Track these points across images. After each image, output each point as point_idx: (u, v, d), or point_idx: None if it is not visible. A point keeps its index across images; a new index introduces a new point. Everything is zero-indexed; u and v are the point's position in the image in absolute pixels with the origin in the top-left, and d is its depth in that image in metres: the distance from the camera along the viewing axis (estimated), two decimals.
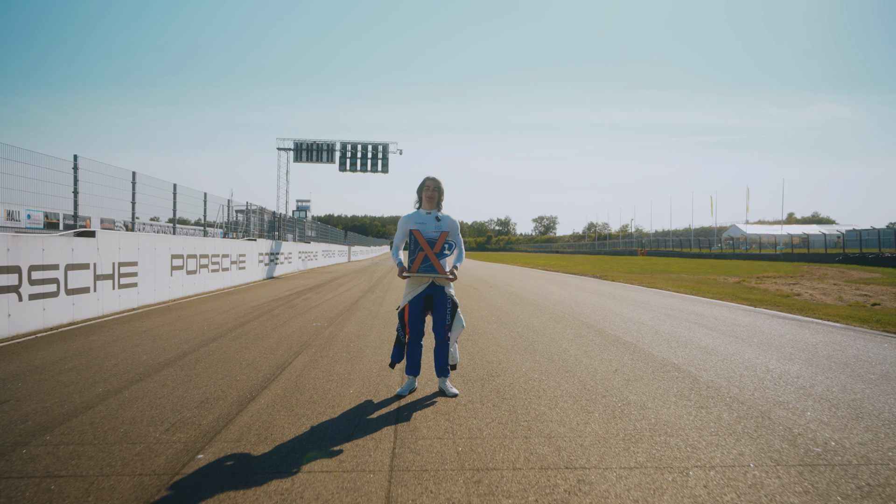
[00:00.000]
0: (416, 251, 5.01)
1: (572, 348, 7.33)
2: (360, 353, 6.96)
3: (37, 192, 11.10)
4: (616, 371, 6.07)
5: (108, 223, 40.55)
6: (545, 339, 8.08)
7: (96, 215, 26.50)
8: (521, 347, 7.40)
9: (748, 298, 14.07)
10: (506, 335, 8.36)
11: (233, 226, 25.11)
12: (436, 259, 4.96)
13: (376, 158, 32.16)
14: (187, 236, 15.45)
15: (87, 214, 28.97)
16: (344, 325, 9.33)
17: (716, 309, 11.99)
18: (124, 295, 11.41)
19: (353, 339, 7.96)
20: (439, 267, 4.96)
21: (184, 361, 6.46)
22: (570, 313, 11.05)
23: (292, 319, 10.05)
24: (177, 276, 13.99)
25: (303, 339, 7.95)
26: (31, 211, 40.82)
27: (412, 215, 5.17)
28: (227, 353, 6.97)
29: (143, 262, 12.29)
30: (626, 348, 7.37)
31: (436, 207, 5.18)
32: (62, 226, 41.73)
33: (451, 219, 5.21)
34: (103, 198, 12.03)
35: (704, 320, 10.08)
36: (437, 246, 4.98)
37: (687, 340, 8.00)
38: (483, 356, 6.82)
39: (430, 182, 5.16)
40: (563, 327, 9.19)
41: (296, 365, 6.29)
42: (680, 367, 6.27)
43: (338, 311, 11.40)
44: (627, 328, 9.11)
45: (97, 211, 14.60)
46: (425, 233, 5.03)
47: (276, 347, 7.35)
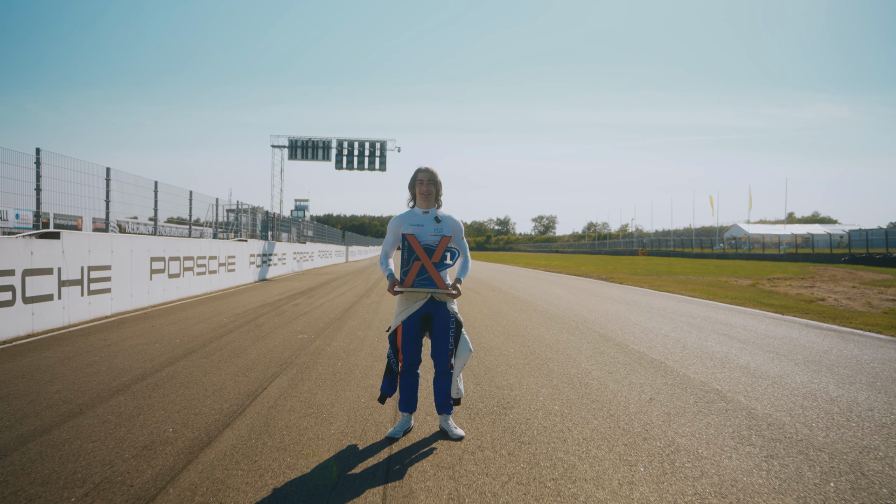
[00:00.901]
0: (410, 260, 4.03)
1: (594, 368, 6.36)
2: (348, 375, 5.98)
3: (9, 191, 10.18)
4: (651, 400, 5.09)
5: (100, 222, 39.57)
6: (560, 355, 7.11)
7: (88, 215, 25.04)
8: (534, 367, 6.42)
9: (771, 304, 13.10)
10: (515, 350, 7.39)
11: (225, 226, 24.14)
12: (435, 270, 3.99)
13: (374, 156, 31.16)
14: (170, 237, 14.47)
15: (78, 214, 27.59)
16: (333, 338, 8.35)
17: (741, 317, 11.02)
18: (95, 302, 10.43)
19: (342, 356, 6.99)
20: (439, 280, 4.00)
21: (140, 387, 5.47)
22: (583, 322, 10.08)
23: (277, 330, 9.07)
24: (157, 280, 13.00)
25: (284, 356, 6.98)
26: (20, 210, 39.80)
27: (405, 215, 4.21)
28: (194, 374, 5.99)
29: (118, 266, 11.31)
30: (655, 368, 6.40)
31: (434, 205, 4.22)
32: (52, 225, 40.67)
33: (454, 220, 4.24)
34: (72, 196, 11.05)
35: (734, 331, 9.11)
36: (436, 254, 4.01)
37: (723, 358, 7.03)
38: (491, 379, 5.85)
39: (422, 174, 4.19)
40: (579, 340, 8.22)
41: (270, 392, 5.31)
42: (726, 395, 5.30)
43: (328, 319, 10.42)
44: (651, 341, 8.14)
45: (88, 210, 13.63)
46: (422, 237, 4.07)
47: (253, 367, 6.38)
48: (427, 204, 4.18)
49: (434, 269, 3.99)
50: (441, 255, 4.02)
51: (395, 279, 4.07)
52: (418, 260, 4.00)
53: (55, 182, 10.58)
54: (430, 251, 4.02)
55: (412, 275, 4.00)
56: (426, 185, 4.15)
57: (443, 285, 4.01)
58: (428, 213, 4.18)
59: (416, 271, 3.99)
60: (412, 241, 4.03)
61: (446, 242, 4.03)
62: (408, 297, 4.13)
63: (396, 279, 4.07)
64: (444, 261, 4.04)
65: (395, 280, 4.06)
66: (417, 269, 3.99)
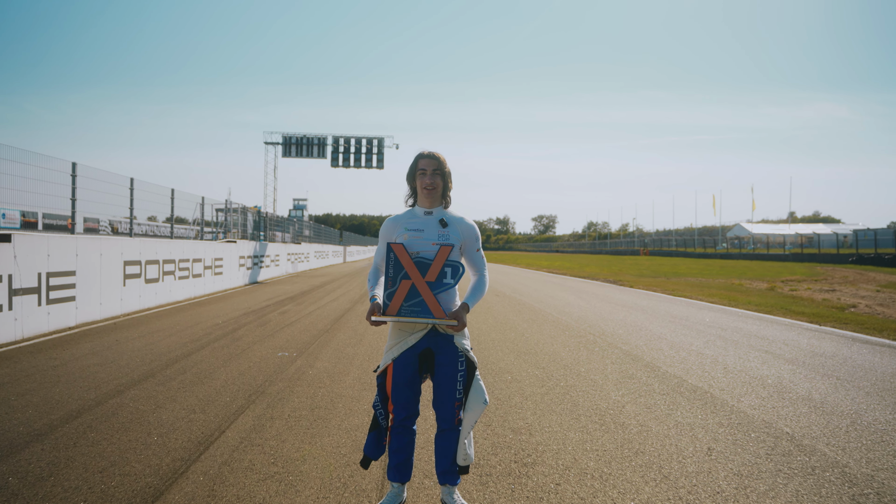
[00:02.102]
0: (396, 279, 2.95)
1: (627, 400, 5.27)
2: (329, 412, 4.90)
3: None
4: (711, 452, 4.01)
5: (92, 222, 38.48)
6: (583, 381, 6.02)
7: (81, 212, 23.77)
8: (554, 398, 5.34)
9: (802, 312, 12.02)
10: (529, 374, 6.30)
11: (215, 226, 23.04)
12: (430, 292, 2.91)
13: (371, 154, 30.04)
14: (146, 238, 13.38)
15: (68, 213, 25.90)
16: (318, 356, 7.27)
17: (775, 328, 9.93)
18: (56, 312, 9.34)
19: (325, 382, 5.90)
20: (435, 306, 2.91)
21: (68, 430, 4.39)
22: (601, 335, 8.99)
23: (256, 345, 7.98)
24: (132, 285, 11.91)
25: (257, 382, 5.89)
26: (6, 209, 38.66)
27: (401, 217, 3.15)
28: (141, 410, 4.90)
29: (85, 271, 10.22)
30: (700, 400, 5.31)
31: (440, 203, 3.15)
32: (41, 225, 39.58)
33: (467, 223, 3.17)
34: (31, 194, 9.95)
35: (775, 347, 8.03)
36: (431, 270, 2.93)
37: (777, 384, 5.94)
38: (505, 416, 4.76)
39: (425, 161, 3.11)
40: (601, 359, 7.14)
41: (229, 438, 4.23)
42: (802, 443, 4.21)
43: (316, 330, 9.34)
44: (684, 361, 7.05)
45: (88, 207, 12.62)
46: (418, 246, 3.00)
47: (216, 397, 5.29)
48: (431, 202, 3.11)
49: (428, 290, 2.90)
50: (439, 270, 2.93)
51: (376, 304, 2.99)
52: (407, 278, 2.91)
53: (14, 179, 9.50)
54: (423, 266, 2.94)
55: (398, 299, 2.91)
56: (430, 177, 3.07)
57: (440, 313, 2.92)
58: (431, 215, 3.11)
59: (403, 294, 2.91)
60: (399, 252, 2.94)
61: (446, 253, 2.94)
62: (401, 328, 3.05)
63: (378, 304, 2.99)
64: (442, 279, 2.95)
65: (376, 305, 2.98)
66: (406, 291, 2.90)
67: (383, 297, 2.98)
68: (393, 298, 2.92)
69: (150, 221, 36.36)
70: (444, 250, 2.94)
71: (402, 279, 2.92)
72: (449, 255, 2.95)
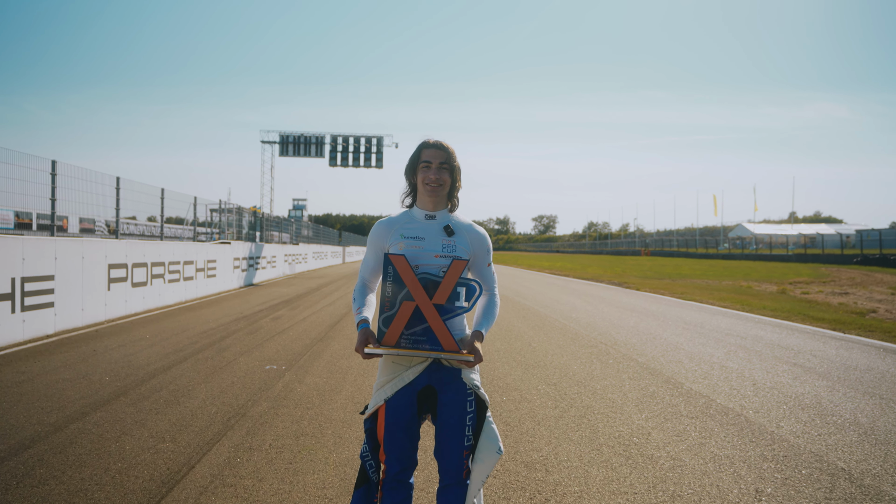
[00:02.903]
0: (396, 300, 2.37)
1: (652, 426, 4.69)
2: (317, 440, 4.32)
3: None
4: (759, 495, 3.43)
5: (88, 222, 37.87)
6: (600, 400, 5.44)
7: (74, 213, 23.14)
8: (570, 422, 4.76)
9: (821, 318, 11.44)
10: (540, 392, 5.72)
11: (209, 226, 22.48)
12: (438, 319, 2.33)
13: (370, 152, 29.46)
14: (133, 240, 12.81)
15: (63, 213, 25.26)
16: (308, 369, 6.69)
17: (797, 337, 9.35)
18: (33, 320, 8.76)
19: (314, 402, 5.32)
20: (445, 336, 2.33)
21: (8, 467, 3.80)
22: (614, 345, 8.40)
23: (243, 356, 7.40)
24: (118, 290, 11.33)
25: (239, 402, 5.31)
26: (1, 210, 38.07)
27: (396, 221, 2.57)
28: (102, 439, 4.31)
29: (65, 276, 9.63)
30: (735, 425, 4.73)
31: (445, 205, 2.57)
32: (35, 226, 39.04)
33: (478, 231, 2.59)
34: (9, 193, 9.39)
35: (802, 358, 7.44)
36: (441, 290, 2.35)
37: (815, 404, 5.36)
38: (515, 446, 4.18)
39: (430, 152, 2.53)
40: (616, 373, 6.55)
41: (198, 476, 3.64)
42: (864, 482, 3.63)
43: (309, 339, 8.76)
44: (708, 376, 6.47)
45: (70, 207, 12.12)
46: (420, 259, 2.42)
47: (190, 422, 4.71)
48: (434, 203, 2.53)
49: (437, 315, 2.32)
50: (450, 290, 2.35)
51: (369, 331, 2.41)
52: (410, 299, 2.33)
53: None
54: (430, 284, 2.35)
55: (398, 326, 2.32)
56: (435, 172, 2.49)
57: (451, 344, 2.34)
58: (434, 219, 2.53)
59: (404, 319, 2.32)
60: (401, 266, 2.36)
61: (460, 269, 2.36)
62: (396, 360, 2.46)
63: (371, 332, 2.41)
64: (454, 301, 2.37)
65: (368, 333, 2.40)
66: (408, 316, 2.32)
67: (378, 323, 2.39)
68: (391, 325, 2.33)
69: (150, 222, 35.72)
70: (458, 265, 2.35)
71: (403, 300, 2.33)
72: (461, 272, 2.37)
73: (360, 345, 2.38)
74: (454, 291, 2.35)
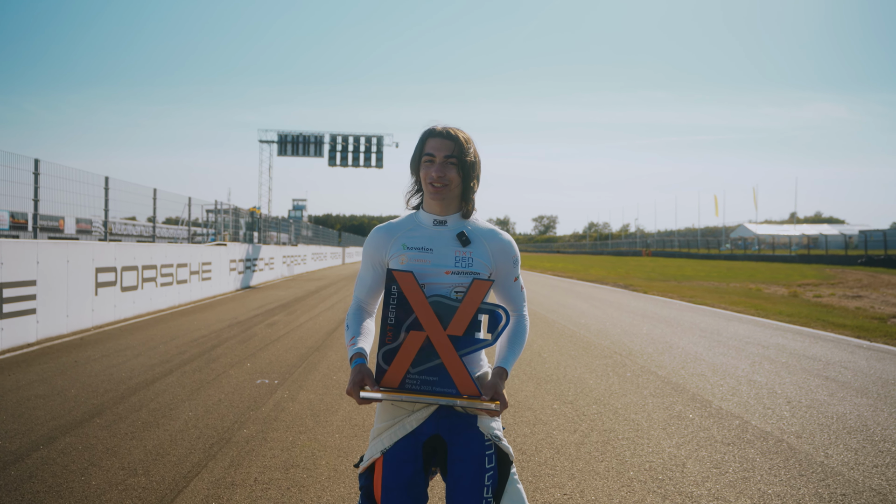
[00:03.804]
0: (399, 329, 1.87)
1: (685, 454, 4.18)
2: (309, 473, 3.82)
3: None
4: None
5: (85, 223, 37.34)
6: (622, 421, 4.94)
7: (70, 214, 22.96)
8: (592, 449, 4.25)
9: (841, 324, 10.93)
10: (556, 412, 5.22)
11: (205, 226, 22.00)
12: (455, 355, 1.83)
13: (370, 152, 28.95)
14: (121, 242, 12.32)
15: (60, 214, 24.98)
16: (303, 384, 6.19)
17: (821, 345, 8.85)
18: (12, 328, 8.25)
19: (307, 424, 4.82)
20: (463, 377, 1.83)
21: None
22: (629, 355, 7.90)
23: (233, 368, 6.90)
24: (106, 294, 10.83)
25: (224, 424, 4.81)
26: None
27: (397, 226, 2.08)
28: (65, 471, 3.81)
29: (49, 280, 9.13)
30: (778, 454, 4.22)
31: (457, 208, 2.07)
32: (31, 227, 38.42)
33: (501, 238, 2.08)
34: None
35: (832, 371, 6.94)
36: (459, 318, 1.85)
37: (863, 428, 4.85)
38: (535, 481, 3.68)
39: (435, 142, 2.01)
40: (636, 389, 6.05)
41: None
42: None
43: (305, 348, 8.26)
44: (737, 393, 5.97)
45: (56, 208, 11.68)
46: (429, 276, 1.93)
47: (169, 449, 4.21)
48: (442, 206, 2.03)
49: (452, 350, 1.82)
50: (470, 318, 1.85)
51: (365, 369, 1.90)
52: (418, 328, 1.83)
53: None
54: (445, 310, 1.86)
55: (403, 362, 1.83)
56: (438, 168, 1.98)
57: (470, 387, 1.84)
58: (445, 225, 2.03)
59: (411, 353, 1.82)
60: (407, 284, 1.85)
61: (483, 292, 1.86)
62: (397, 403, 1.96)
63: (367, 369, 1.91)
64: (474, 331, 1.87)
65: (364, 371, 1.90)
66: (415, 351, 1.82)
67: (377, 358, 1.89)
68: (394, 361, 1.83)
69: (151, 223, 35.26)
70: (480, 287, 1.85)
71: (409, 329, 1.83)
72: (485, 293, 1.87)
73: (355, 386, 1.87)
74: (474, 320, 1.85)
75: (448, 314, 1.84)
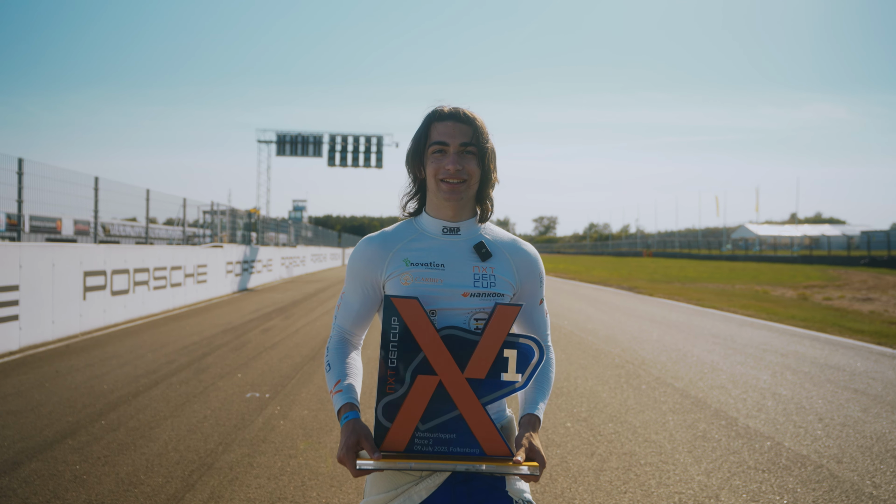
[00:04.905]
0: (406, 372, 1.43)
1: (716, 483, 3.76)
2: None
3: None
4: None
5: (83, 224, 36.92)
6: (642, 442, 4.53)
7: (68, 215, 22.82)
8: (613, 478, 3.84)
9: (858, 330, 10.52)
10: (570, 432, 4.81)
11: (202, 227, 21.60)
12: (474, 403, 1.41)
13: (369, 152, 28.55)
14: (111, 245, 11.92)
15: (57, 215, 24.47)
16: (296, 398, 5.78)
17: (842, 353, 8.44)
18: None
19: (299, 448, 4.41)
20: (488, 434, 1.42)
21: None
22: (642, 365, 7.49)
23: (223, 379, 6.49)
24: (95, 298, 10.42)
25: (209, 446, 4.39)
26: None
27: (394, 236, 1.63)
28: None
29: (32, 285, 8.72)
30: (820, 481, 3.81)
31: (472, 212, 1.65)
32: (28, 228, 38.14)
33: (525, 250, 1.65)
34: None
35: (860, 382, 6.52)
36: (480, 356, 1.43)
37: None
38: None
39: (445, 126, 1.57)
40: (654, 404, 5.64)
41: None
42: None
43: (301, 356, 7.85)
44: (763, 408, 5.55)
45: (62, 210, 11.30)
46: (435, 299, 1.51)
47: (143, 478, 3.79)
48: (456, 209, 1.60)
49: (473, 398, 1.41)
50: (494, 356, 1.43)
51: (361, 427, 1.48)
52: (428, 372, 1.41)
53: None
54: (462, 346, 1.44)
55: (410, 417, 1.41)
56: (454, 160, 1.54)
57: (498, 445, 1.43)
58: (458, 234, 1.61)
59: (421, 406, 1.40)
60: (412, 315, 1.42)
61: (510, 319, 1.45)
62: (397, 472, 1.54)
63: (363, 426, 1.49)
64: (499, 372, 1.45)
65: (357, 430, 1.47)
66: (426, 402, 1.40)
67: (376, 412, 1.47)
68: (398, 416, 1.41)
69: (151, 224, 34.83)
70: (506, 314, 1.44)
71: (416, 373, 1.41)
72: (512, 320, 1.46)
73: (349, 452, 1.43)
74: (500, 357, 1.44)
75: (466, 351, 1.42)
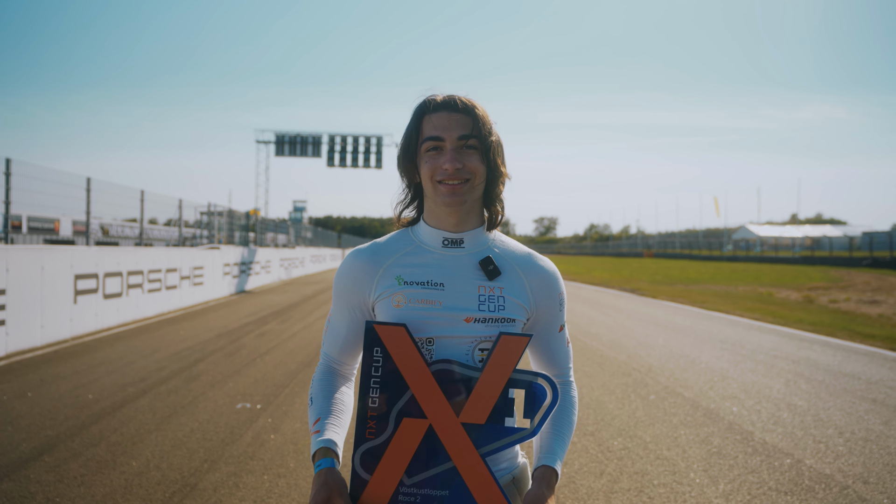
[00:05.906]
0: (389, 414, 1.17)
1: None
2: None
3: None
4: None
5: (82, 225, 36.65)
6: (654, 459, 4.26)
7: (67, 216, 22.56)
8: (624, 501, 3.58)
9: (869, 335, 10.26)
10: (577, 447, 4.54)
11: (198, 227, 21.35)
12: (472, 454, 1.15)
13: (369, 153, 28.29)
14: (104, 247, 11.67)
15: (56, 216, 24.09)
16: (289, 409, 5.52)
17: (855, 360, 8.17)
18: None
19: (289, 466, 4.15)
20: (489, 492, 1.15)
21: None
22: (649, 372, 7.23)
23: (213, 389, 6.23)
24: (86, 302, 10.16)
25: (192, 465, 4.13)
26: None
27: (384, 249, 1.36)
28: None
29: (19, 289, 8.46)
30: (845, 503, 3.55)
31: (479, 220, 1.37)
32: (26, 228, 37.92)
33: (542, 266, 1.38)
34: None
35: (878, 392, 6.25)
36: (479, 396, 1.16)
37: None
38: None
39: (439, 118, 1.31)
40: (664, 416, 5.37)
41: None
42: None
43: (296, 363, 7.59)
44: (779, 421, 5.29)
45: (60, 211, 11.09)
46: (431, 325, 1.24)
47: (119, 502, 3.53)
48: (461, 215, 1.33)
49: (471, 448, 1.15)
50: (497, 396, 1.17)
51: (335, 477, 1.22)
52: (418, 415, 1.15)
53: None
54: (458, 384, 1.18)
55: (393, 470, 1.15)
56: (452, 157, 1.28)
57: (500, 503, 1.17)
58: (461, 246, 1.34)
59: (405, 458, 1.15)
60: (397, 345, 1.17)
61: (518, 351, 1.19)
62: None
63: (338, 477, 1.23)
64: (502, 417, 1.19)
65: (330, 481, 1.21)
66: (412, 450, 1.15)
67: (353, 461, 1.22)
68: (380, 467, 1.16)
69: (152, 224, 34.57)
70: (512, 344, 1.18)
71: (401, 416, 1.16)
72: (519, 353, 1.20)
73: (320, 499, 1.19)
74: (504, 398, 1.17)
75: (463, 390, 1.17)
